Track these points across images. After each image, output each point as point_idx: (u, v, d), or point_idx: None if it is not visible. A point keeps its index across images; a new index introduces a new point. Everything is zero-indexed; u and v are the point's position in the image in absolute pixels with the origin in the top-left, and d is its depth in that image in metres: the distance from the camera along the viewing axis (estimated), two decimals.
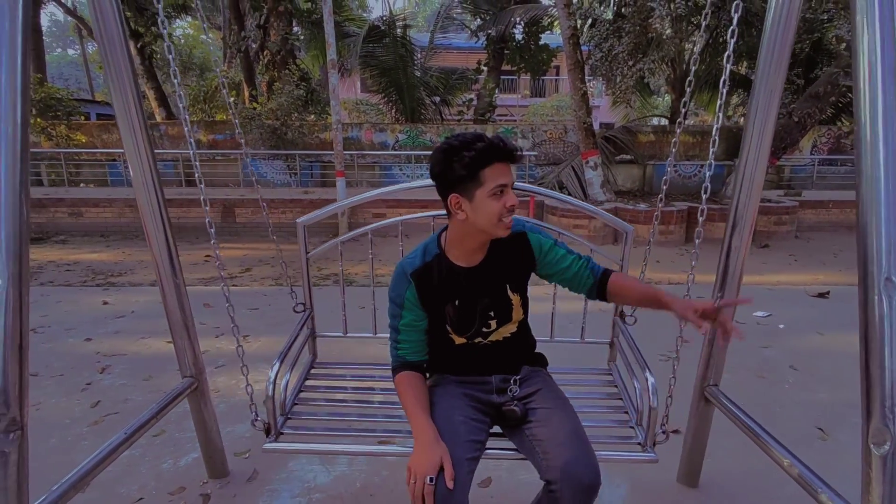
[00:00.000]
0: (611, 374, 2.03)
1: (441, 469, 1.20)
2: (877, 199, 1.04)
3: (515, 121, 16.96)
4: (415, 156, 10.94)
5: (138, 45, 12.22)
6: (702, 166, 10.37)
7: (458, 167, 1.28)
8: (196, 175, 1.69)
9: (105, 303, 4.64)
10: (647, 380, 1.53)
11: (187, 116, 1.72)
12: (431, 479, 1.19)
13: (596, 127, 12.32)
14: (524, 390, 1.51)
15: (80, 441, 2.41)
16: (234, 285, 5.46)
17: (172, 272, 1.82)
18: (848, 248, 7.74)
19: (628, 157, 10.62)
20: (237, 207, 8.75)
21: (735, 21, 1.48)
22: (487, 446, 1.44)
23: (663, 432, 1.61)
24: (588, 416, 1.72)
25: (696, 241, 1.69)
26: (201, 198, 1.74)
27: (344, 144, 8.73)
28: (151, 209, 1.73)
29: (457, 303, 1.45)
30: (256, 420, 1.66)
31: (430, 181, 1.53)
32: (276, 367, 1.59)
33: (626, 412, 1.75)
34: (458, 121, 13.91)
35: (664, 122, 14.46)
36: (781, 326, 3.98)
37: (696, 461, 2.04)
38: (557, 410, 1.41)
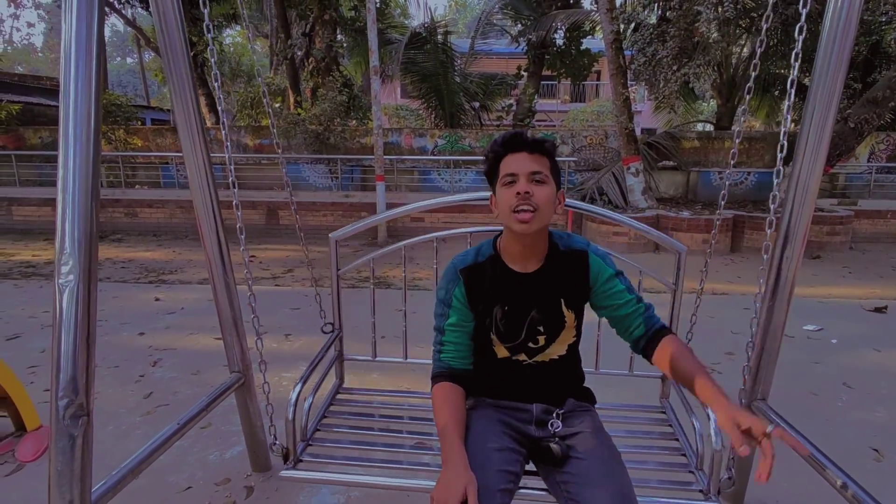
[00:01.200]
0: (664, 412, 1.88)
1: (465, 501, 1.08)
2: None
3: (555, 126, 16.80)
4: (453, 161, 10.99)
5: (192, 54, 12.74)
6: (749, 173, 10.01)
7: (488, 164, 1.35)
8: (230, 178, 1.75)
9: (157, 299, 4.87)
10: (708, 416, 1.35)
11: (225, 120, 1.80)
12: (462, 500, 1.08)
13: (637, 132, 12.07)
14: (567, 428, 1.36)
15: (134, 430, 2.54)
16: (276, 285, 5.63)
17: (223, 271, 1.91)
18: None
19: (671, 163, 10.35)
20: (280, 210, 9.01)
21: (803, 17, 1.44)
22: (522, 483, 1.31)
23: (729, 478, 1.44)
24: (638, 457, 1.62)
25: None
26: (234, 202, 1.76)
27: (384, 149, 8.86)
28: (206, 210, 1.81)
29: (506, 308, 1.36)
30: (275, 444, 1.59)
31: (465, 195, 1.52)
32: (297, 389, 1.55)
33: (684, 454, 1.60)
34: (498, 126, 13.89)
35: (709, 127, 14.04)
36: (834, 341, 3.80)
37: (743, 480, 1.97)
38: (601, 465, 1.24)
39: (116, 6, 15.78)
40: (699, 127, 14.83)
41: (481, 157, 10.76)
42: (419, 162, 11.54)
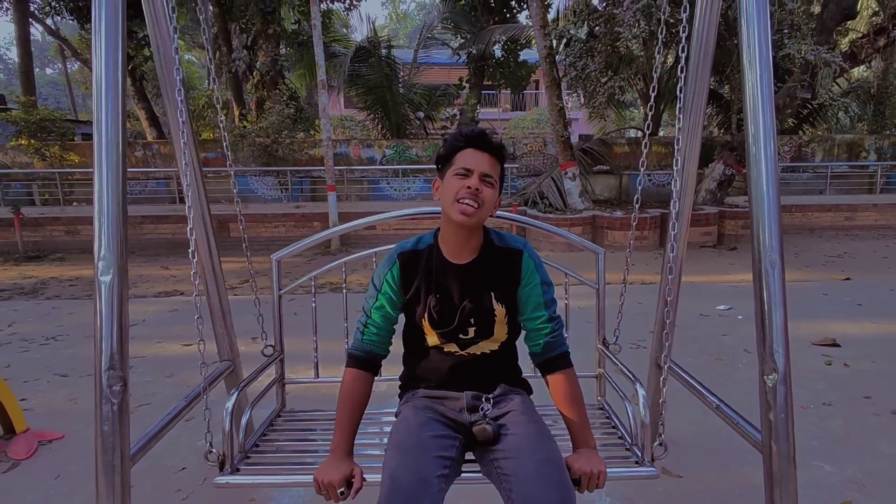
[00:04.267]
0: (602, 408, 2.03)
1: (349, 483, 1.27)
2: (762, 198, 1.46)
3: (498, 134, 17.48)
4: (401, 170, 11.34)
5: (129, 68, 12.49)
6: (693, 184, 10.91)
7: (443, 149, 1.41)
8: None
9: None
10: (637, 394, 1.55)
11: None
12: (342, 493, 1.27)
13: (575, 139, 12.87)
14: (498, 409, 1.42)
15: None
16: (234, 295, 5.76)
17: (213, 273, 2.18)
18: (808, 249, 8.31)
19: (605, 167, 11.15)
20: (231, 223, 9.04)
21: (684, 38, 1.88)
22: (462, 469, 1.38)
23: (660, 444, 1.59)
24: None
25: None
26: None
27: (333, 160, 9.10)
28: (201, 219, 2.08)
29: (438, 296, 1.41)
30: (210, 452, 1.56)
31: (415, 209, 1.66)
32: (233, 398, 1.60)
33: (622, 437, 1.76)
34: (443, 135, 14.37)
35: (640, 133, 15.12)
36: (740, 317, 4.42)
37: (654, 425, 2.42)
38: (528, 438, 1.30)
39: (38, 15, 15.15)
40: (631, 133, 15.90)
41: (429, 166, 11.16)
42: (368, 172, 11.82)
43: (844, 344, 3.70)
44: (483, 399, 1.44)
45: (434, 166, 1.54)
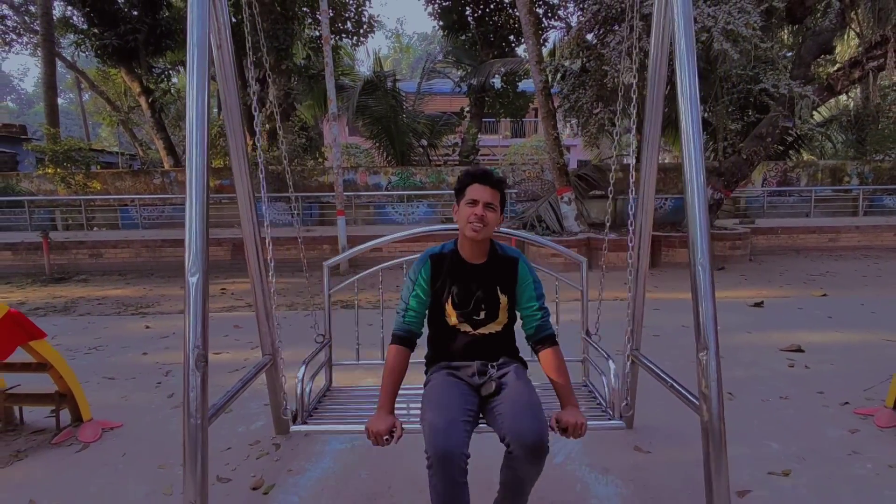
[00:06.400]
0: (586, 385, 2.57)
1: (392, 433, 1.72)
2: (695, 219, 1.93)
3: (497, 161, 18.11)
4: (406, 195, 11.88)
5: (149, 101, 13.22)
6: (666, 199, 11.44)
7: (457, 183, 1.95)
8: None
9: (147, 327, 5.37)
10: (609, 367, 2.10)
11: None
12: (387, 438, 1.72)
13: (573, 164, 13.43)
14: (499, 373, 1.92)
15: (170, 418, 3.15)
16: (251, 312, 6.21)
17: (261, 281, 2.63)
18: (793, 268, 8.74)
19: (600, 192, 11.68)
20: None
21: (635, 77, 2.37)
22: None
23: (626, 404, 2.14)
24: None
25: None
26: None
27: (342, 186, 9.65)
28: (251, 237, 2.54)
29: (460, 286, 1.93)
30: (286, 410, 2.15)
31: (427, 228, 2.13)
32: (302, 369, 2.19)
33: (600, 404, 2.29)
34: (445, 163, 14.98)
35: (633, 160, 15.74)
36: (718, 328, 4.83)
37: (630, 409, 2.85)
38: (518, 391, 1.79)
39: (62, 54, 15.97)
40: (626, 159, 16.50)
41: (433, 192, 11.70)
42: (375, 197, 12.38)
43: (809, 350, 4.12)
44: (489, 367, 1.94)
45: (436, 191, 2.10)
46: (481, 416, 1.90)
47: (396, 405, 1.93)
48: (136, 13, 12.70)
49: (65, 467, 2.58)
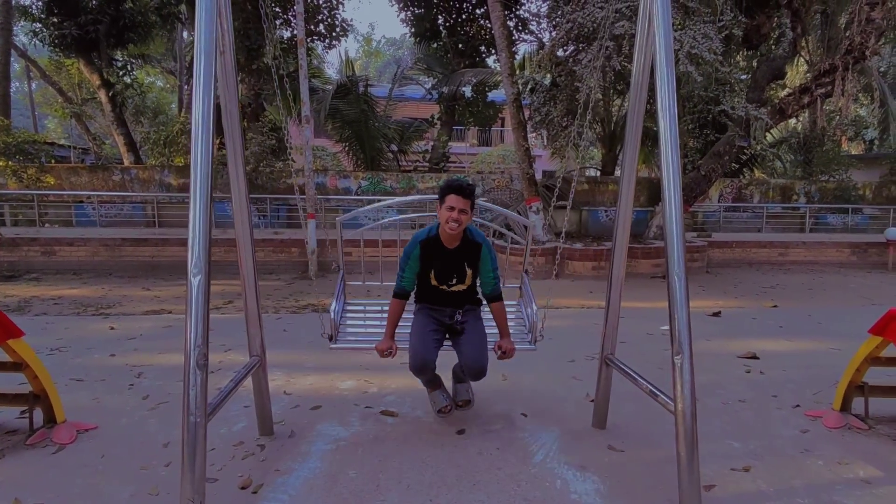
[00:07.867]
0: (518, 307, 3.52)
1: (390, 350, 2.72)
2: (672, 233, 2.08)
3: (465, 168, 18.35)
4: (376, 201, 11.90)
5: (109, 94, 12.75)
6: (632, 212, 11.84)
7: (440, 192, 2.68)
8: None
9: (112, 328, 5.21)
10: (533, 308, 3.05)
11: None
12: (389, 353, 2.71)
13: (539, 175, 13.73)
14: (463, 318, 2.88)
15: (147, 420, 3.10)
16: (221, 314, 6.12)
17: (253, 282, 2.65)
18: (747, 280, 9.24)
19: (564, 203, 12.00)
20: (213, 247, 9.32)
21: (592, 94, 2.54)
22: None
23: (541, 335, 2.96)
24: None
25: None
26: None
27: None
28: (244, 237, 2.57)
29: (440, 264, 2.78)
30: (324, 333, 2.95)
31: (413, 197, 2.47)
32: (333, 305, 3.05)
33: (525, 326, 3.19)
34: (414, 169, 15.07)
35: (598, 172, 16.24)
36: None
37: (603, 410, 3.00)
38: (472, 334, 2.81)
39: (16, 44, 15.23)
40: (590, 172, 17.02)
41: (402, 198, 11.74)
42: (344, 201, 12.33)
43: (763, 357, 4.40)
44: (457, 313, 2.88)
45: (405, 198, 5.60)
46: (448, 339, 2.89)
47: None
48: (97, 3, 12.26)
49: (44, 468, 2.52)
